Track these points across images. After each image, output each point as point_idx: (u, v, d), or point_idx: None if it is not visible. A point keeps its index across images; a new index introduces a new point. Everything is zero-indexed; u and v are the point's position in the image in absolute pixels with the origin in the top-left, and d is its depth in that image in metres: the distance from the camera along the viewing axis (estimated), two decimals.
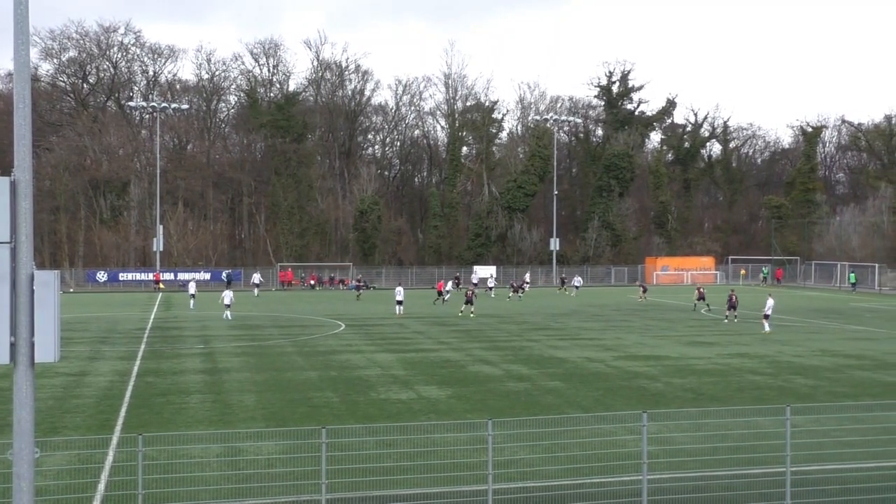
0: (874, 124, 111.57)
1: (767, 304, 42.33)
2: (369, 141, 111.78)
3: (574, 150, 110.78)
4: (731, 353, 34.61)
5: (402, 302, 50.86)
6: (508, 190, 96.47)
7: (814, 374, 29.37)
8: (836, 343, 38.05)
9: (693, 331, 43.03)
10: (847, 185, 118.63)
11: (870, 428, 18.39)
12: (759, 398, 24.53)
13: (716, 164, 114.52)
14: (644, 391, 25.97)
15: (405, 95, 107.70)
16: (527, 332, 42.11)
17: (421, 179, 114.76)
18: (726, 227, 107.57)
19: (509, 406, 23.47)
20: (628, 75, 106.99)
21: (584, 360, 32.32)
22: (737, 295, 48.71)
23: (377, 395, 25.24)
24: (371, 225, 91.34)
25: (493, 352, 34.77)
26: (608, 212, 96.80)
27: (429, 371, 29.68)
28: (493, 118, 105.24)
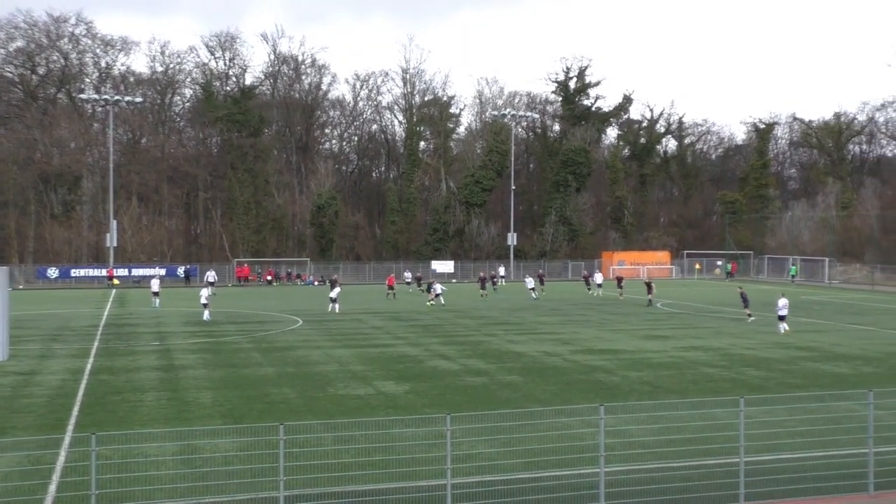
0: (824, 121, 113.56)
1: (780, 304, 39.39)
2: (326, 136, 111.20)
3: (531, 146, 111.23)
4: (686, 346, 35.04)
5: (335, 300, 49.73)
6: (466, 185, 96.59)
7: (766, 365, 29.85)
8: (787, 335, 38.69)
9: (649, 324, 43.47)
10: (798, 180, 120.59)
11: (819, 417, 18.73)
12: (713, 390, 24.87)
13: (671, 159, 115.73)
14: (601, 384, 26.19)
15: (363, 90, 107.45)
16: (485, 327, 42.22)
17: (378, 174, 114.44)
18: (681, 222, 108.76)
19: (467, 400, 23.53)
20: (585, 71, 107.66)
21: (541, 355, 32.50)
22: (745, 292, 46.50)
23: (335, 390, 25.15)
24: (328, 220, 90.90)
25: (451, 347, 34.82)
26: (565, 207, 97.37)
27: (387, 366, 29.64)
28: (451, 113, 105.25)
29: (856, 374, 28.29)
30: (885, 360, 31.14)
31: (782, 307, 39.23)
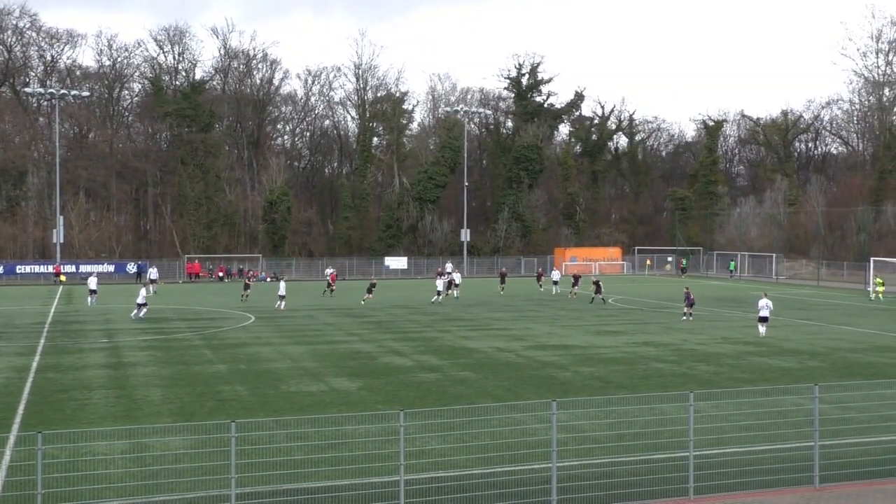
0: (771, 119, 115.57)
1: (760, 304, 37.32)
2: (278, 131, 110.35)
3: (484, 142, 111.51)
4: (637, 341, 35.42)
5: (283, 297, 49.14)
6: (419, 181, 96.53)
7: (715, 360, 30.30)
8: (736, 331, 39.33)
9: (601, 320, 43.86)
10: (746, 177, 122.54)
11: (766, 412, 19.08)
12: (663, 385, 25.18)
13: (622, 156, 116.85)
14: (553, 380, 26.37)
15: (315, 85, 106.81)
16: (438, 323, 42.26)
17: (331, 170, 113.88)
18: (632, 218, 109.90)
19: (420, 397, 23.54)
20: (537, 68, 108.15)
21: (494, 350, 32.63)
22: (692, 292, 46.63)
23: (287, 387, 24.99)
24: (280, 216, 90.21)
25: (404, 343, 34.80)
26: (518, 203, 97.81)
27: (339, 363, 29.53)
28: (404, 109, 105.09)
29: (802, 368, 28.85)
30: (830, 355, 31.80)
31: (763, 308, 36.96)
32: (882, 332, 39.31)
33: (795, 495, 15.15)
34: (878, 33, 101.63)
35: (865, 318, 45.06)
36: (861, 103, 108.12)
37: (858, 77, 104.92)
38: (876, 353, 32.32)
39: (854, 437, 18.21)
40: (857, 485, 15.72)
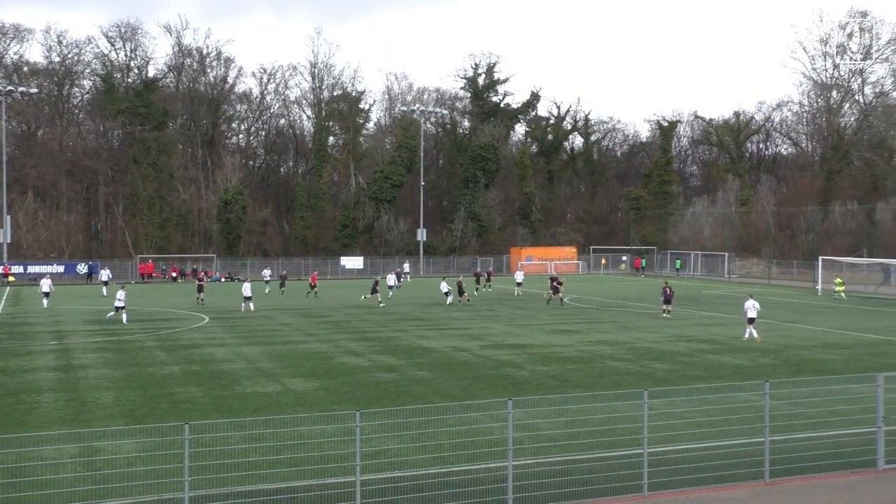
0: (724, 120, 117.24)
1: (746, 306, 35.86)
2: (233, 130, 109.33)
3: (441, 142, 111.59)
4: (592, 340, 35.68)
5: (249, 298, 47.69)
6: (376, 181, 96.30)
7: (670, 358, 30.64)
8: (690, 329, 39.81)
9: (557, 319, 44.11)
10: (699, 177, 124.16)
11: (719, 408, 19.32)
12: (618, 383, 25.39)
13: (578, 156, 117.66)
14: (510, 379, 26.46)
15: (270, 84, 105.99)
16: (394, 323, 42.19)
17: (287, 169, 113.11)
18: (588, 218, 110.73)
19: (377, 397, 23.47)
20: (493, 68, 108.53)
21: (451, 350, 32.65)
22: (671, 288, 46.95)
23: (242, 388, 24.77)
24: (235, 216, 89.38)
25: (361, 343, 34.68)
26: (474, 203, 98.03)
27: (295, 363, 29.34)
28: (360, 108, 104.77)
29: (754, 365, 29.28)
30: (780, 352, 32.32)
31: (749, 308, 35.58)
32: (830, 329, 40.06)
33: (747, 490, 15.37)
34: (827, 37, 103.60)
35: (814, 316, 45.89)
36: (810, 105, 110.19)
37: (807, 80, 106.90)
38: (824, 350, 32.93)
39: (803, 431, 18.53)
40: (807, 478, 16.00)
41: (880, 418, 16.87)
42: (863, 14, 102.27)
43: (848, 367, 28.64)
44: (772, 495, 15.19)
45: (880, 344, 34.98)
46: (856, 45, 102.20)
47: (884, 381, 17.14)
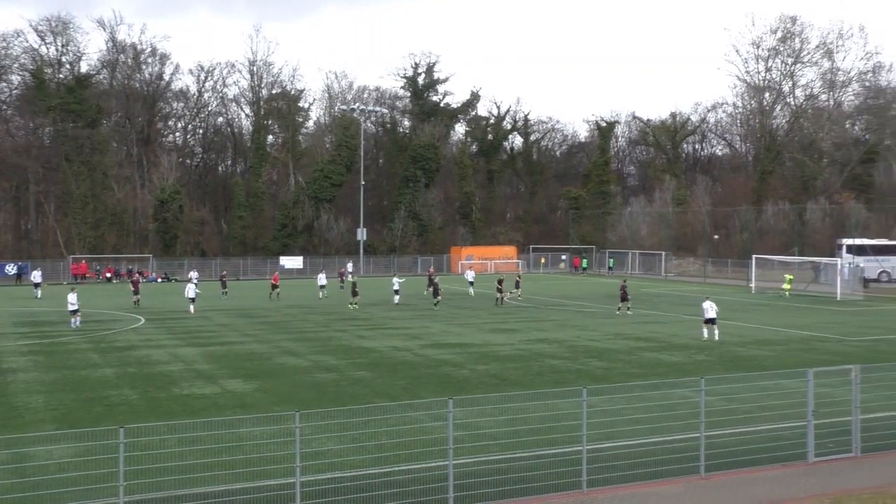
0: (661, 121, 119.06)
1: (704, 307, 35.67)
2: (170, 128, 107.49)
3: (381, 141, 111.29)
4: (532, 339, 35.93)
5: (194, 299, 46.90)
6: (315, 180, 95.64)
7: (608, 356, 31.01)
8: (628, 327, 40.34)
9: (496, 318, 44.32)
10: (637, 177, 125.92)
11: (656, 405, 19.61)
12: (557, 381, 25.61)
13: (517, 156, 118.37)
14: (449, 378, 26.51)
15: (208, 81, 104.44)
16: (334, 323, 41.96)
17: (225, 168, 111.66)
18: (527, 218, 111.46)
19: (317, 397, 23.33)
20: (433, 67, 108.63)
21: (391, 350, 32.59)
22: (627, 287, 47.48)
23: (180, 390, 24.39)
24: (172, 215, 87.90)
25: (301, 343, 34.43)
26: (414, 202, 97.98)
27: (234, 364, 29.00)
28: (300, 107, 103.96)
29: (690, 362, 29.80)
30: (716, 349, 32.94)
31: (707, 309, 35.38)
32: (763, 326, 40.96)
33: (682, 485, 15.63)
34: (759, 40, 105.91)
35: (748, 314, 46.86)
36: (744, 107, 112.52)
37: (741, 82, 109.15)
38: (758, 347, 33.66)
39: (737, 427, 18.91)
40: (741, 472, 16.34)
41: (810, 412, 17.31)
42: (792, 19, 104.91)
43: (780, 363, 29.32)
44: (706, 490, 15.48)
45: (810, 340, 35.89)
46: (786, 49, 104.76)
47: (813, 377, 17.60)
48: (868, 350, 32.77)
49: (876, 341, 35.66)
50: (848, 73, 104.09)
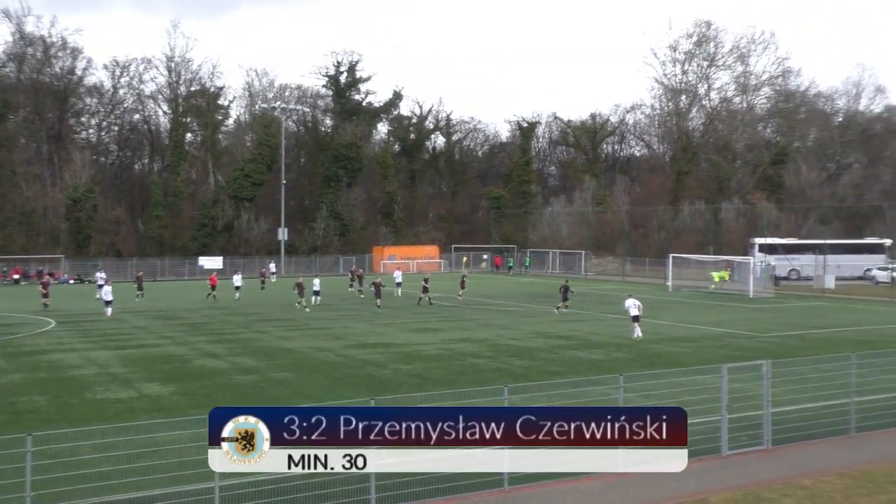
0: (581, 121, 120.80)
1: (626, 304, 36.39)
2: (83, 124, 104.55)
3: (302, 140, 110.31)
4: (455, 338, 36.04)
5: (111, 302, 45.44)
6: (235, 179, 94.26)
7: (529, 355, 31.29)
8: (549, 325, 40.79)
9: (420, 318, 44.33)
10: (557, 177, 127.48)
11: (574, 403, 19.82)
12: (480, 380, 25.72)
13: (440, 155, 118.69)
14: (372, 378, 26.40)
15: (123, 77, 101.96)
16: (255, 324, 41.41)
17: (142, 167, 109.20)
18: (450, 217, 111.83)
19: (237, 399, 22.97)
20: (356, 66, 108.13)
21: (312, 350, 32.31)
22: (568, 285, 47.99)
23: (93, 395, 23.73)
24: (85, 214, 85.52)
25: (220, 345, 33.87)
26: (336, 201, 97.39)
27: (151, 367, 28.35)
28: (220, 105, 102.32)
29: (609, 359, 30.27)
30: (634, 347, 33.55)
31: (631, 307, 35.93)
32: (678, 323, 41.89)
33: (602, 481, 15.84)
34: (676, 44, 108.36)
35: (664, 311, 47.85)
36: (661, 109, 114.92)
37: (658, 84, 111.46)
38: (673, 344, 34.40)
39: None
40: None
41: (724, 407, 17.76)
42: (707, 24, 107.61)
43: (695, 358, 30.01)
44: (625, 485, 15.73)
45: (724, 336, 36.84)
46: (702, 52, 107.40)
47: (727, 372, 18.06)
48: (778, 346, 33.80)
49: (785, 337, 36.81)
50: (760, 77, 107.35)
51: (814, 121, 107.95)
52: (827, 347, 32.65)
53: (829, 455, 17.77)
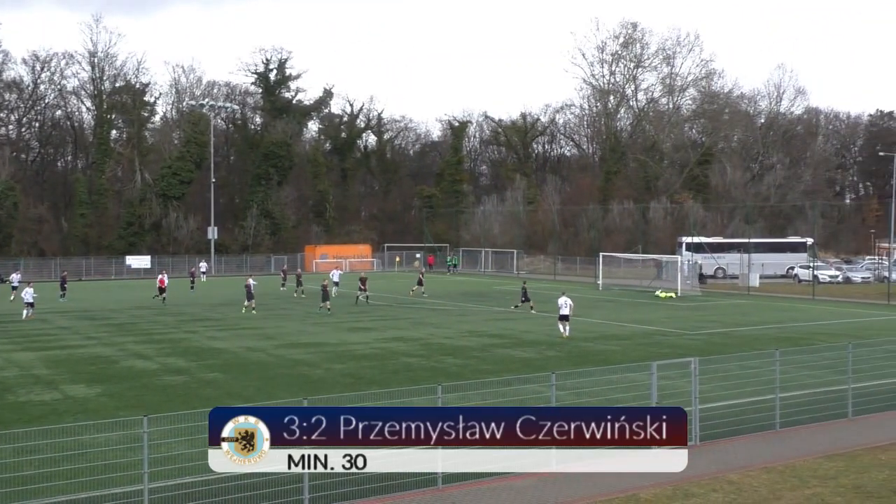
0: (512, 121, 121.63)
1: (560, 303, 35.98)
2: (2, 120, 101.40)
3: (232, 138, 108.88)
4: (388, 337, 35.98)
5: (33, 304, 43.40)
6: (163, 177, 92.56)
7: (462, 353, 31.41)
8: (482, 324, 40.98)
9: (353, 317, 44.14)
10: (489, 176, 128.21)
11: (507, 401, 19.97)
12: (413, 379, 25.72)
13: (371, 154, 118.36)
14: (305, 378, 26.20)
15: (44, 73, 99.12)
16: (184, 324, 40.73)
17: (65, 164, 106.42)
18: (382, 216, 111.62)
19: (166, 400, 22.56)
20: (285, 64, 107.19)
21: (244, 350, 31.92)
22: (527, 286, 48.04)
23: (15, 397, 23.06)
24: (6, 213, 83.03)
25: (149, 345, 33.23)
26: (267, 200, 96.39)
27: (76, 368, 27.68)
28: (146, 101, 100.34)
29: (541, 357, 30.55)
30: (565, 345, 33.91)
31: (563, 306, 35.76)
32: (609, 321, 42.51)
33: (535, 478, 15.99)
34: (603, 45, 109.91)
35: (595, 310, 48.49)
36: (590, 109, 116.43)
37: (587, 85, 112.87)
38: (604, 342, 34.90)
39: None
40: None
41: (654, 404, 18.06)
42: (633, 25, 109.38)
43: (626, 356, 30.47)
44: (558, 482, 15.89)
45: (653, 334, 37.50)
46: (629, 53, 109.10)
47: (657, 369, 18.39)
48: (706, 343, 34.56)
49: (712, 334, 37.65)
50: (685, 78, 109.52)
51: (737, 122, 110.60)
52: (752, 344, 33.49)
53: (755, 450, 18.22)
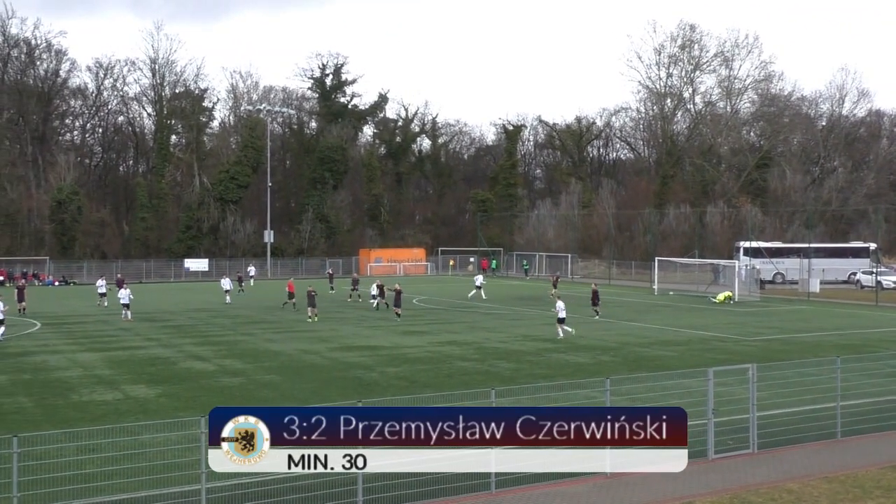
0: (566, 125, 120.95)
1: (558, 307, 37.75)
2: (67, 126, 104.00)
3: (288, 142, 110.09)
4: (441, 340, 36.03)
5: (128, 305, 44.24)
6: (221, 181, 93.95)
7: (516, 358, 31.32)
8: (536, 328, 40.82)
9: (406, 321, 44.26)
10: (543, 180, 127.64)
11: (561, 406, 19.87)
12: (466, 383, 25.73)
13: (426, 158, 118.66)
14: (359, 381, 26.36)
15: (107, 79, 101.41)
16: (241, 326, 41.28)
17: (126, 168, 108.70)
18: (436, 220, 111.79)
19: (224, 402, 22.89)
20: (341, 69, 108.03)
21: (299, 353, 32.24)
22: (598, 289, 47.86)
23: (79, 397, 23.61)
24: (70, 216, 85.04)
25: (206, 347, 33.74)
26: (322, 204, 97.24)
27: (136, 369, 28.23)
28: (204, 107, 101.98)
29: (595, 363, 30.33)
30: (620, 350, 33.63)
31: (560, 310, 37.28)
32: (666, 326, 42.01)
33: (589, 483, 15.88)
34: (660, 47, 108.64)
35: (651, 314, 47.99)
36: (646, 112, 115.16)
37: (643, 88, 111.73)
38: (660, 347, 34.50)
39: None
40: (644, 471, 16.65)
41: (710, 411, 17.81)
42: (692, 27, 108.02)
43: (682, 362, 30.11)
44: (612, 487, 15.76)
45: (710, 340, 36.98)
46: (686, 56, 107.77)
47: (714, 376, 18.12)
48: (764, 349, 33.96)
49: (770, 341, 36.99)
50: (744, 80, 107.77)
51: (798, 125, 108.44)
52: (812, 351, 32.84)
53: (816, 459, 17.85)
